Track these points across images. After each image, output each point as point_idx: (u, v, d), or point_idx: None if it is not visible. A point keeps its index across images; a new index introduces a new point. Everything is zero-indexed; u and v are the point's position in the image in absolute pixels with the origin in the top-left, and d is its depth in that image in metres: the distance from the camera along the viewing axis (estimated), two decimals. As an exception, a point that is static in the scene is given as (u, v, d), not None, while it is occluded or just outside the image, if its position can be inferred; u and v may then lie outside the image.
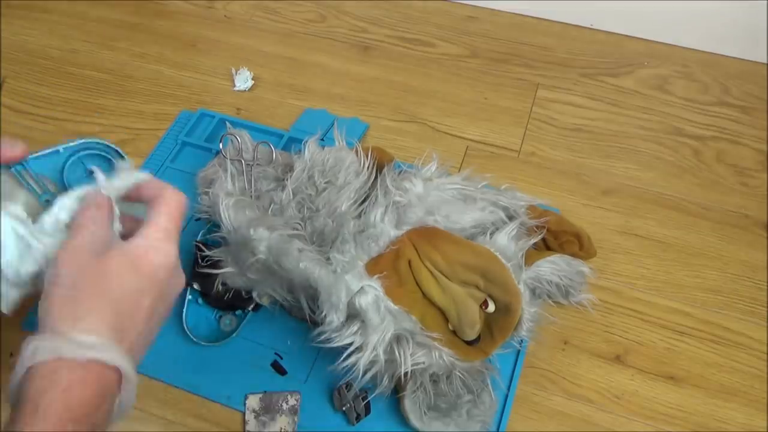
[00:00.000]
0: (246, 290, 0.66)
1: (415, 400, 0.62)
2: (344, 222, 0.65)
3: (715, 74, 1.03)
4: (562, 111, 0.97)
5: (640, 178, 0.88)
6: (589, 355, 0.71)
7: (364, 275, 0.61)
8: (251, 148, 0.73)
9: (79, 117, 0.94)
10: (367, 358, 0.60)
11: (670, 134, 0.94)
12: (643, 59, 1.05)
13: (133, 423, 0.65)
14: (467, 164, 0.89)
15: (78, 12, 1.10)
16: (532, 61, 1.04)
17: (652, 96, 0.99)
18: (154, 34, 1.07)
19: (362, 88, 0.99)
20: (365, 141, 0.91)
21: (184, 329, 0.69)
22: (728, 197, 0.86)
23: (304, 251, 0.61)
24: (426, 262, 0.61)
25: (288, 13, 1.11)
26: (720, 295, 0.76)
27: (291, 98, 0.97)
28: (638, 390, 0.69)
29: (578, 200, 0.85)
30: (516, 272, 0.63)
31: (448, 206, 0.66)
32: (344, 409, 0.65)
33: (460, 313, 0.61)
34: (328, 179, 0.67)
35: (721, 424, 0.67)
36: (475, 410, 0.62)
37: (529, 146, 0.92)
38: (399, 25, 1.09)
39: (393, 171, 0.69)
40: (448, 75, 1.01)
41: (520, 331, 0.64)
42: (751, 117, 0.96)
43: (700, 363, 0.71)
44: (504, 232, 0.65)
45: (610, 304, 0.75)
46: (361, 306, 0.59)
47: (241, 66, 1.00)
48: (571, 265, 0.70)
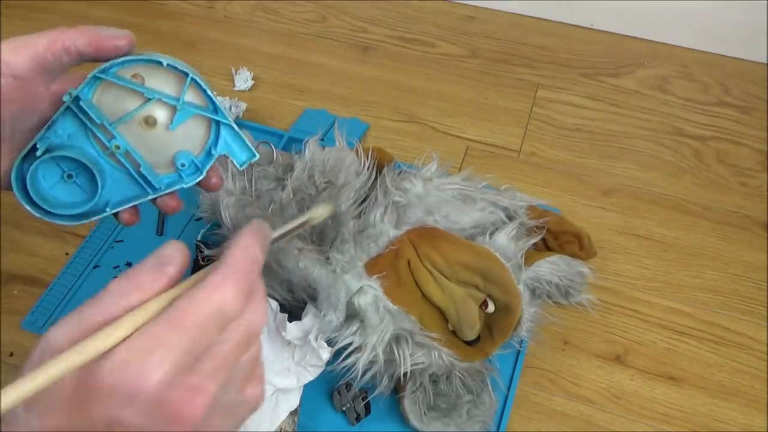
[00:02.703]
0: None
1: (414, 400, 0.62)
2: (344, 222, 0.64)
3: (715, 74, 1.03)
4: (562, 111, 0.97)
5: (640, 178, 0.88)
6: (589, 355, 0.71)
7: (364, 275, 0.61)
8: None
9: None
10: (366, 358, 0.60)
11: (670, 134, 0.94)
12: (643, 59, 1.05)
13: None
14: (467, 164, 0.89)
15: (78, 12, 1.10)
16: (532, 61, 1.04)
17: (652, 96, 0.99)
18: (154, 34, 1.07)
19: (362, 88, 0.99)
20: (365, 141, 0.91)
21: (184, 329, 0.69)
22: (728, 197, 0.86)
23: (303, 251, 0.61)
24: (425, 262, 0.61)
25: (288, 13, 1.11)
26: (720, 295, 0.76)
27: (291, 98, 0.97)
28: (638, 390, 0.69)
29: (578, 200, 0.85)
30: (516, 272, 0.63)
31: (447, 206, 0.66)
32: (344, 409, 0.65)
33: (460, 314, 0.61)
34: (328, 179, 0.67)
35: (721, 424, 0.67)
36: (475, 410, 0.62)
37: (529, 146, 0.92)
38: (399, 25, 1.09)
39: (393, 171, 0.69)
40: (448, 75, 1.01)
41: (520, 331, 0.64)
42: (751, 117, 0.96)
43: (700, 363, 0.71)
44: (504, 233, 0.65)
45: (610, 304, 0.75)
46: (360, 306, 0.59)
47: (241, 66, 1.00)
48: (570, 266, 0.70)
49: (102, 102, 0.38)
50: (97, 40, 0.36)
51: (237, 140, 0.42)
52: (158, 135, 0.40)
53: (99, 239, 0.78)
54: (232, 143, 0.42)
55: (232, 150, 0.42)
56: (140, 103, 0.39)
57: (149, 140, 0.40)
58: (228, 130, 0.41)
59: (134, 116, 0.39)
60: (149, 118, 0.39)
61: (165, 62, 0.38)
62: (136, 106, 0.39)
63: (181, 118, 0.40)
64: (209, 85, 0.40)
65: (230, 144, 0.42)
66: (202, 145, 0.41)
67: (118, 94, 0.38)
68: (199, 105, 0.40)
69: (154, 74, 0.39)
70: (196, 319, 0.26)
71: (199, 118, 0.41)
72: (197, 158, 0.41)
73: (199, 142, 0.41)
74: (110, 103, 0.38)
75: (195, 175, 0.42)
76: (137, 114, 0.39)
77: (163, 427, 0.26)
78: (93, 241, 0.77)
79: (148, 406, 0.25)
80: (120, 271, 0.75)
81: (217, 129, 0.41)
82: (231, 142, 0.42)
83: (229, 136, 0.42)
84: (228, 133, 0.41)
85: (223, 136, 0.41)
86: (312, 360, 0.61)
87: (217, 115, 0.40)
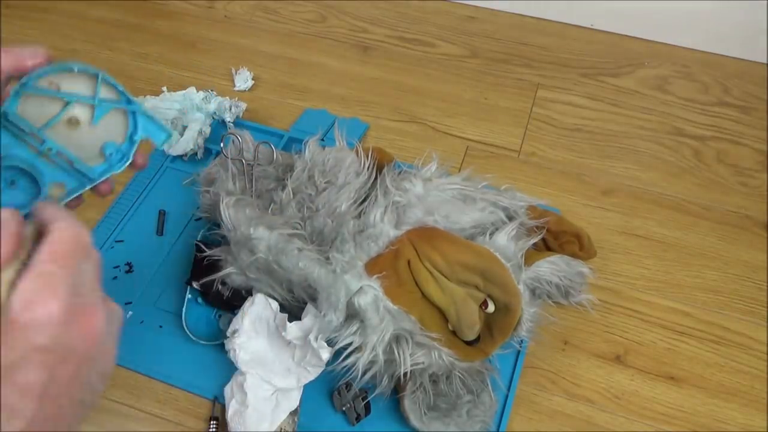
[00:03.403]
0: (246, 289, 0.66)
1: (414, 400, 0.62)
2: (344, 222, 0.65)
3: (715, 74, 1.03)
4: (562, 111, 0.97)
5: (640, 178, 0.88)
6: (589, 355, 0.71)
7: (364, 275, 0.61)
8: (252, 147, 0.73)
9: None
10: (366, 358, 0.60)
11: (670, 134, 0.94)
12: (643, 59, 1.05)
13: (131, 423, 0.65)
14: (467, 164, 0.89)
15: (78, 12, 1.10)
16: (532, 61, 1.04)
17: (652, 96, 0.99)
18: (154, 34, 1.07)
19: (362, 88, 0.99)
20: (365, 141, 0.91)
21: (184, 328, 0.69)
22: (728, 197, 0.86)
23: (303, 251, 0.61)
24: (425, 262, 0.61)
25: (288, 13, 1.11)
26: (720, 295, 0.76)
27: (291, 98, 0.97)
28: (638, 390, 0.69)
29: (578, 200, 0.85)
30: (516, 272, 0.63)
31: (447, 206, 0.66)
32: (344, 409, 0.65)
33: (460, 314, 0.61)
34: (328, 179, 0.67)
35: (721, 424, 0.67)
36: (475, 410, 0.62)
37: (529, 146, 0.92)
38: (399, 25, 1.09)
39: (393, 171, 0.69)
40: (448, 75, 1.01)
41: (520, 331, 0.64)
42: (751, 117, 0.96)
43: (700, 363, 0.71)
44: (504, 233, 0.65)
45: (610, 304, 0.75)
46: (360, 306, 0.59)
47: (241, 66, 1.00)
48: (570, 266, 0.70)
49: (27, 112, 0.43)
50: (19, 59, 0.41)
51: (153, 124, 0.48)
52: (83, 132, 0.46)
53: (99, 239, 0.78)
54: (149, 127, 0.48)
55: (150, 133, 0.48)
56: (61, 107, 0.44)
57: (76, 138, 0.45)
58: (143, 118, 0.47)
59: (58, 119, 0.44)
60: (72, 118, 0.45)
61: (75, 68, 0.44)
62: (58, 110, 0.44)
63: (100, 114, 0.46)
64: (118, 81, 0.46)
65: (148, 128, 0.48)
66: (124, 134, 0.47)
67: (41, 103, 0.44)
68: (114, 99, 0.46)
69: (68, 79, 0.45)
70: (67, 251, 0.34)
71: (117, 111, 0.46)
72: (122, 146, 0.47)
73: (121, 132, 0.47)
74: (35, 111, 0.43)
75: (123, 161, 0.48)
76: (61, 117, 0.44)
77: (80, 342, 0.33)
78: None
79: (60, 329, 0.32)
80: (120, 271, 0.75)
81: (134, 118, 0.47)
82: (148, 127, 0.48)
83: (146, 122, 0.48)
84: (143, 119, 0.47)
85: (140, 123, 0.47)
86: (312, 360, 0.61)
87: (131, 106, 0.47)
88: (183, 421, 0.66)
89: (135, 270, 0.75)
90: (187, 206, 0.80)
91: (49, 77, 0.44)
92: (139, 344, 0.69)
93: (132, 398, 0.67)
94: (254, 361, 0.62)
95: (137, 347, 0.69)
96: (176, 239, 0.78)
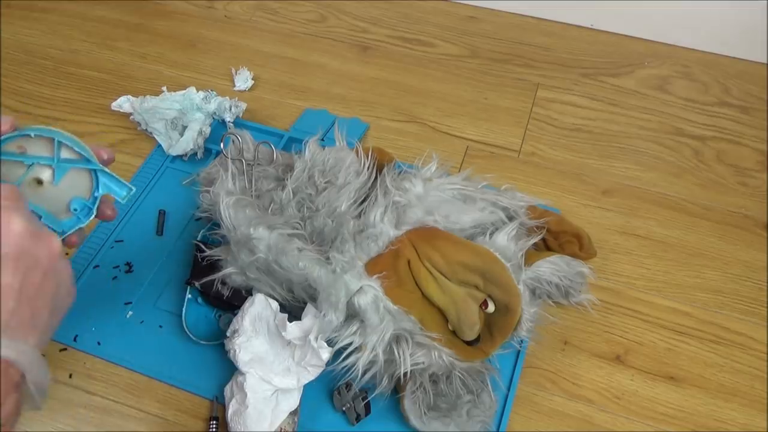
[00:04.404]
0: (246, 289, 0.66)
1: (414, 400, 0.62)
2: (344, 222, 0.65)
3: (715, 74, 1.03)
4: (562, 111, 0.97)
5: (640, 178, 0.88)
6: (589, 355, 0.71)
7: (364, 275, 0.61)
8: (252, 147, 0.73)
9: (79, 117, 0.93)
10: (366, 358, 0.60)
11: (670, 134, 0.94)
12: (643, 59, 1.05)
13: (131, 423, 0.65)
14: (467, 164, 0.89)
15: (78, 12, 1.10)
16: (532, 61, 1.04)
17: (652, 96, 0.99)
18: (154, 34, 1.07)
19: (362, 88, 0.99)
20: (365, 141, 0.91)
21: (184, 328, 0.69)
22: (728, 197, 0.86)
23: (303, 251, 0.61)
24: (425, 262, 0.61)
25: (288, 13, 1.11)
26: (720, 295, 0.76)
27: (291, 98, 0.97)
28: (638, 390, 0.69)
29: (578, 200, 0.85)
30: (516, 272, 0.63)
31: (447, 206, 0.66)
32: (344, 409, 0.65)
33: (460, 314, 0.61)
34: (328, 179, 0.67)
35: (721, 424, 0.67)
36: (475, 410, 0.62)
37: (529, 146, 0.92)
38: (399, 25, 1.09)
39: (393, 171, 0.69)
40: (448, 75, 1.01)
41: (520, 331, 0.64)
42: (751, 117, 0.96)
43: (700, 363, 0.71)
44: (504, 233, 0.65)
45: (610, 305, 0.75)
46: (360, 306, 0.59)
47: (241, 66, 1.00)
48: (570, 266, 0.70)
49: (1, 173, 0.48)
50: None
51: (113, 180, 0.51)
52: (48, 190, 0.49)
53: (99, 239, 0.78)
54: (109, 183, 0.51)
55: (111, 189, 0.51)
56: (25, 169, 0.48)
57: (43, 195, 0.49)
58: (103, 174, 0.50)
59: (24, 180, 0.48)
60: (36, 179, 0.49)
61: (32, 133, 0.48)
62: (23, 172, 0.48)
63: (60, 174, 0.49)
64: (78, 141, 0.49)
65: (108, 184, 0.51)
66: (89, 190, 0.51)
67: (8, 165, 0.48)
68: (74, 158, 0.49)
69: (33, 143, 0.48)
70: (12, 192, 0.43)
71: (79, 169, 0.50)
72: (87, 201, 0.51)
73: (85, 188, 0.51)
74: (5, 173, 0.48)
75: (89, 215, 0.51)
76: (25, 178, 0.48)
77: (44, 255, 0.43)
78: (92, 241, 0.77)
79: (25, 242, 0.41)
80: (120, 271, 0.75)
81: (96, 175, 0.50)
82: (108, 183, 0.51)
83: (106, 178, 0.50)
84: (103, 175, 0.50)
85: (101, 179, 0.50)
86: (312, 360, 0.61)
87: (90, 165, 0.49)
88: (183, 421, 0.66)
89: (135, 270, 0.75)
90: (187, 206, 0.80)
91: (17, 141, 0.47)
92: (139, 344, 0.69)
93: (132, 398, 0.67)
94: (254, 361, 0.62)
95: (137, 347, 0.69)
96: (176, 239, 0.78)
